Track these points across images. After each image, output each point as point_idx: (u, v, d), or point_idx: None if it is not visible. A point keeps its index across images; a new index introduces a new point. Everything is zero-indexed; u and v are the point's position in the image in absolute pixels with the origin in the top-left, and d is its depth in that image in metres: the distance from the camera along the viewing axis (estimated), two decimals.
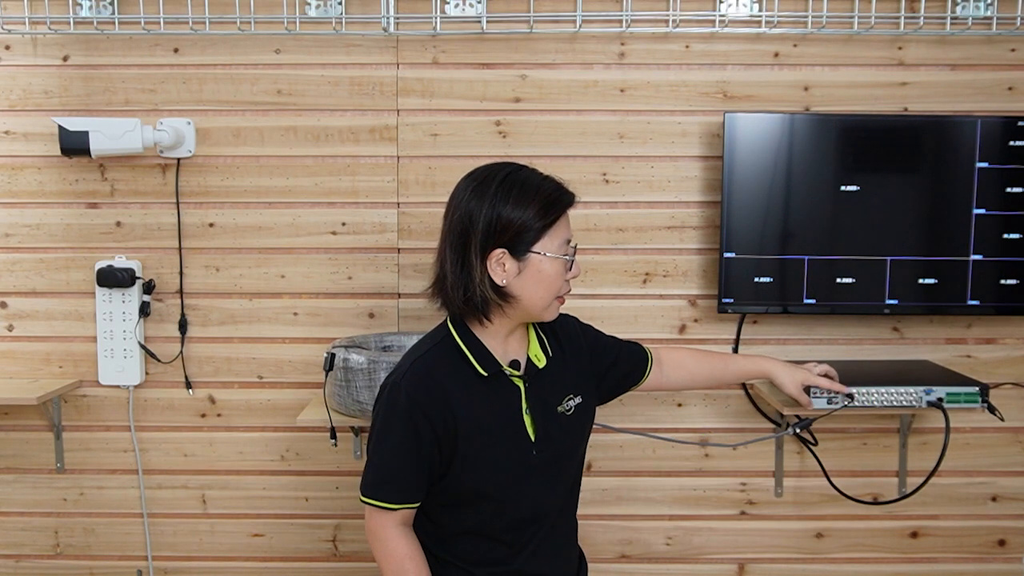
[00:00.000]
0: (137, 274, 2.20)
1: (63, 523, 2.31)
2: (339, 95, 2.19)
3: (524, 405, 1.42)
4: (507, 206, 1.36)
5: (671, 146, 2.19)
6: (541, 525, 1.45)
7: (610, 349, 1.62)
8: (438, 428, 1.36)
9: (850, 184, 2.09)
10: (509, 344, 1.45)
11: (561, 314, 1.50)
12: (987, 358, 2.24)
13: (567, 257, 1.40)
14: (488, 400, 1.40)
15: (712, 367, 1.77)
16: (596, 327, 1.63)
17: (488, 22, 2.15)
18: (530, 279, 1.38)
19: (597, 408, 1.60)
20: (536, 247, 1.37)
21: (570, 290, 1.44)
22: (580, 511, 2.28)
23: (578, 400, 1.49)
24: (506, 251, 1.36)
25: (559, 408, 1.45)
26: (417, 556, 1.40)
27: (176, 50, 2.19)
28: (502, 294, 1.38)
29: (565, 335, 1.53)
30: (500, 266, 1.36)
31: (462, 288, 1.37)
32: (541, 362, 1.46)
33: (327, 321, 2.24)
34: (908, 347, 2.24)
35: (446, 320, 1.44)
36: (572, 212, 2.18)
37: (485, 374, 1.39)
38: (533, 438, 1.41)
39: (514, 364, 1.43)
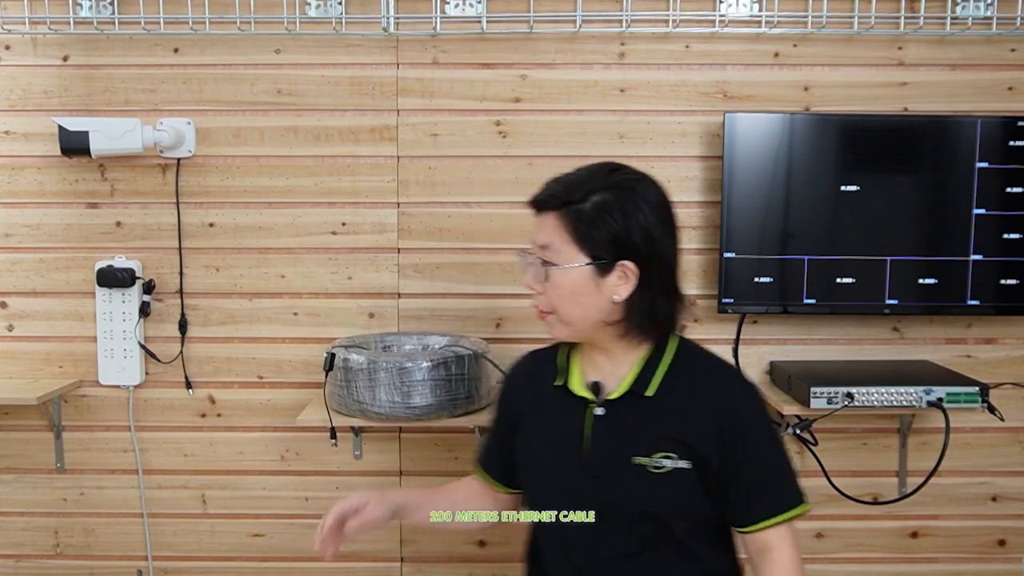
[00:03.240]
0: (137, 274, 2.20)
1: (63, 523, 2.31)
2: (339, 95, 2.19)
3: (586, 431, 1.30)
4: None
5: (671, 146, 2.19)
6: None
7: (743, 473, 1.27)
8: (508, 418, 1.42)
9: (850, 184, 2.09)
10: (598, 362, 1.33)
11: (745, 385, 1.30)
12: (987, 358, 2.24)
13: (523, 259, 1.31)
14: (552, 410, 1.35)
15: None
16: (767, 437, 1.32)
17: (488, 22, 2.15)
18: None
19: None
20: None
21: (535, 302, 1.31)
22: None
23: (683, 464, 1.26)
24: None
25: (638, 459, 1.26)
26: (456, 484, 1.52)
27: (176, 50, 2.19)
28: None
29: (702, 393, 1.27)
30: None
31: None
32: (617, 391, 1.30)
33: (327, 321, 2.24)
34: (908, 347, 2.24)
35: None
36: None
37: (553, 384, 1.35)
38: (588, 472, 1.29)
39: (595, 386, 1.31)
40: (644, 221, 1.24)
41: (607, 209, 1.24)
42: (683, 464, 1.26)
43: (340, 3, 2.14)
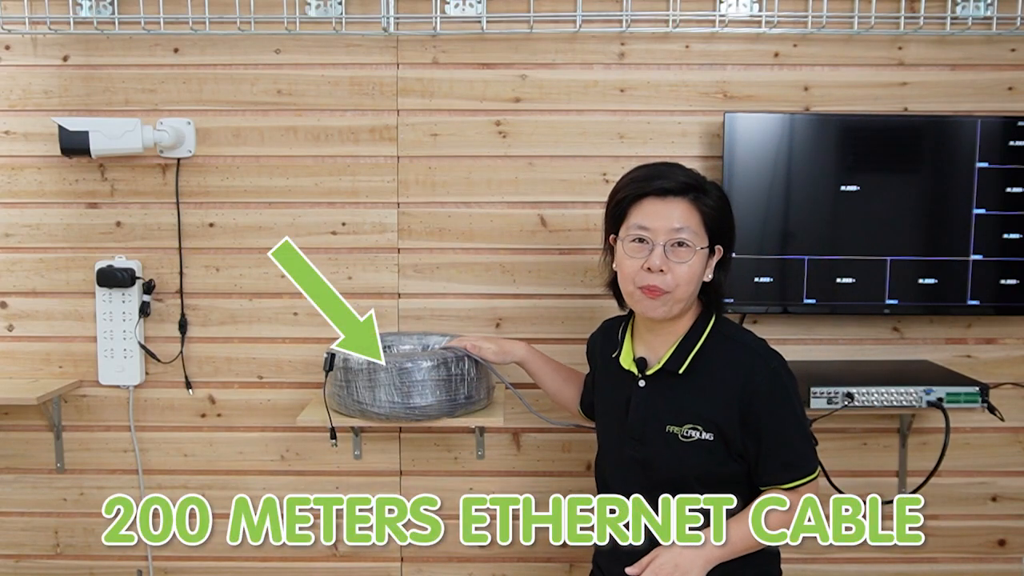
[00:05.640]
0: (137, 274, 2.20)
1: (63, 523, 2.31)
2: (339, 95, 2.19)
3: (630, 400, 1.49)
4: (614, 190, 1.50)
5: (671, 146, 2.19)
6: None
7: (759, 445, 1.43)
8: (592, 373, 1.69)
9: (850, 184, 2.09)
10: (646, 339, 1.51)
11: (765, 364, 1.43)
12: (987, 358, 2.24)
13: (635, 241, 1.43)
14: (610, 376, 1.56)
15: None
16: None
17: (488, 22, 2.15)
18: (618, 265, 1.48)
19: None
20: (621, 231, 1.46)
21: (651, 284, 1.42)
22: None
23: (707, 436, 1.43)
24: (615, 235, 1.48)
25: (671, 427, 1.45)
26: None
27: (176, 50, 2.19)
28: (614, 282, 1.52)
29: (725, 374, 1.43)
30: (610, 250, 1.51)
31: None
32: (654, 368, 1.48)
33: (327, 321, 2.23)
34: (908, 347, 2.24)
35: None
36: (572, 212, 2.20)
37: (611, 355, 1.55)
38: (628, 435, 1.49)
39: (640, 362, 1.49)
40: (731, 211, 1.48)
41: (725, 198, 1.47)
42: (707, 436, 1.42)
43: (340, 3, 2.14)
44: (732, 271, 2.07)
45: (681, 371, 1.45)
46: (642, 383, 1.49)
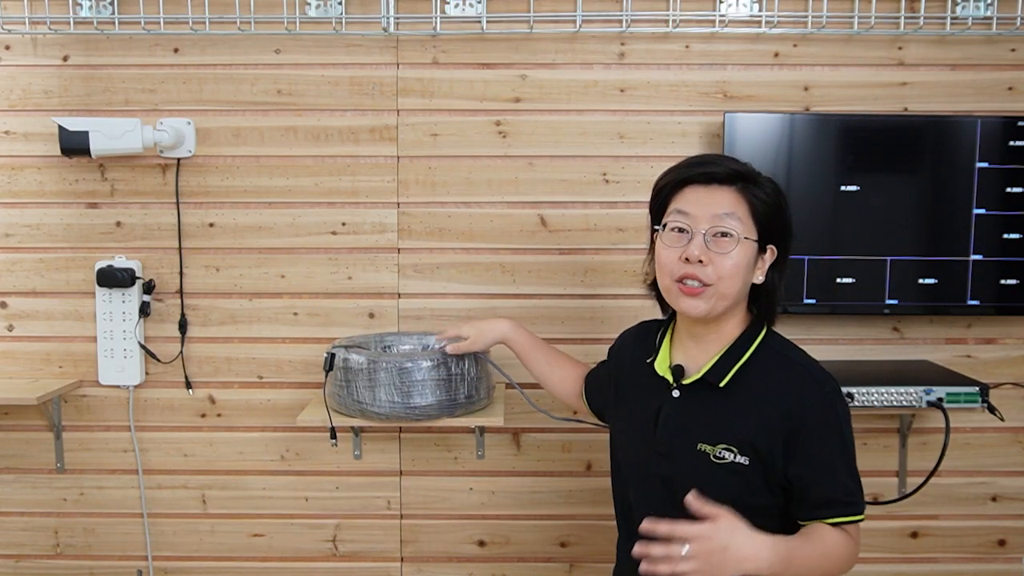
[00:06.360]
0: (137, 274, 2.20)
1: (63, 523, 2.31)
2: (339, 95, 2.19)
3: (660, 410, 1.34)
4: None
5: (671, 146, 2.19)
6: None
7: (802, 473, 1.27)
8: (613, 371, 1.52)
9: (850, 184, 2.09)
10: (687, 345, 1.37)
11: (819, 388, 1.29)
12: (987, 358, 2.24)
13: (675, 230, 1.30)
14: (641, 383, 1.41)
15: None
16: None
17: (488, 22, 2.15)
18: (656, 258, 1.36)
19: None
20: (662, 222, 1.34)
21: (694, 275, 1.28)
22: (579, 511, 2.29)
23: (742, 460, 1.27)
24: (657, 229, 1.36)
25: (703, 445, 1.30)
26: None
27: (176, 50, 2.19)
28: (655, 282, 1.39)
29: (773, 394, 1.28)
30: (653, 246, 1.38)
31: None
32: (692, 377, 1.33)
33: (327, 321, 2.24)
34: (908, 347, 2.24)
35: None
36: (572, 212, 2.20)
37: (646, 360, 1.41)
38: (655, 449, 1.34)
39: (677, 369, 1.35)
40: (790, 211, 1.35)
41: (780, 193, 1.33)
42: (742, 460, 1.27)
43: (340, 3, 2.14)
44: None
45: (723, 384, 1.30)
46: (676, 393, 1.34)
